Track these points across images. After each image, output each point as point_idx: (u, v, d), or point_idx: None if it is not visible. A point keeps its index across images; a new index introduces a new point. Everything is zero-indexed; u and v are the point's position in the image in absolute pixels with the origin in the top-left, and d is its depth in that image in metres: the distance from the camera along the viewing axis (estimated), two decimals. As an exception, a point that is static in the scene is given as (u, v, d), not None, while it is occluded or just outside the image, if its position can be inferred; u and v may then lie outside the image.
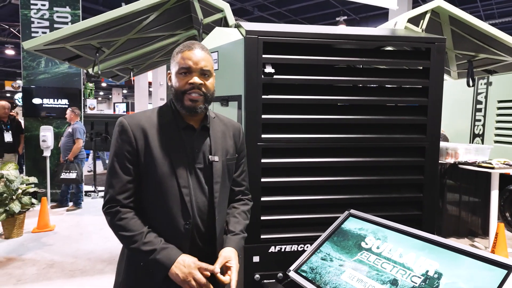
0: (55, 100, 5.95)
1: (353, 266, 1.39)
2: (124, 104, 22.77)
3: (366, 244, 1.47)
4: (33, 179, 4.45)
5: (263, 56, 1.96)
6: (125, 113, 20.23)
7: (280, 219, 2.06)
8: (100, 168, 10.79)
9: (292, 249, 2.10)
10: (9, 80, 22.02)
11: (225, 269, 1.18)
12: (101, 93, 32.32)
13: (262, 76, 1.96)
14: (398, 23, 2.67)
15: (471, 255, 1.17)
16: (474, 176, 4.31)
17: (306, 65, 2.07)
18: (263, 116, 1.98)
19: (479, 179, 4.34)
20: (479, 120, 5.21)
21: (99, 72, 2.88)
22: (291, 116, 2.04)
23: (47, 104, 5.94)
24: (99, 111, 20.78)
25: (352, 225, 1.63)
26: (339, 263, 1.45)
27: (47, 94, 5.91)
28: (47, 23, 5.86)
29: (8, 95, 27.60)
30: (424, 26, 2.74)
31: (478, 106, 5.22)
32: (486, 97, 5.10)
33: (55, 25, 5.87)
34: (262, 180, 1.98)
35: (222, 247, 1.24)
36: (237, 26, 2.31)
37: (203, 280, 1.11)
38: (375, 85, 2.22)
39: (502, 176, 4.00)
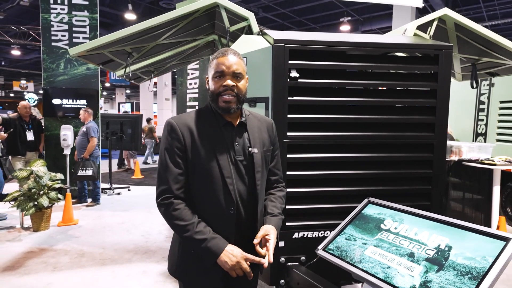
0: (74, 100, 6.21)
1: (375, 243, 1.63)
2: (129, 104, 23.00)
3: (385, 225, 1.70)
4: (60, 176, 4.70)
5: (289, 62, 2.20)
6: (129, 112, 20.42)
7: (303, 208, 2.31)
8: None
9: (314, 236, 2.34)
10: (16, 80, 22.31)
11: (263, 242, 1.37)
12: (104, 93, 32.55)
13: (288, 80, 2.20)
14: (408, 30, 2.90)
15: (475, 231, 1.41)
16: (477, 173, 4.53)
17: (327, 69, 2.31)
18: (288, 116, 2.22)
19: (482, 176, 4.55)
20: (482, 120, 5.43)
21: (130, 74, 3.12)
22: (314, 116, 2.28)
23: (66, 104, 6.20)
24: (104, 111, 21.02)
25: (371, 210, 1.87)
26: (362, 241, 1.68)
27: (66, 95, 6.16)
28: (66, 27, 6.11)
29: (11, 95, 27.89)
30: (431, 33, 2.97)
31: (481, 107, 5.44)
32: (488, 98, 5.32)
33: (74, 29, 6.13)
34: (288, 173, 2.22)
35: None
36: (263, 34, 2.55)
37: (248, 269, 1.29)
38: (390, 88, 2.45)
39: (504, 173, 4.21)
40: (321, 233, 2.37)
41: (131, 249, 3.92)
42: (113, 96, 31.62)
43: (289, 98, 2.22)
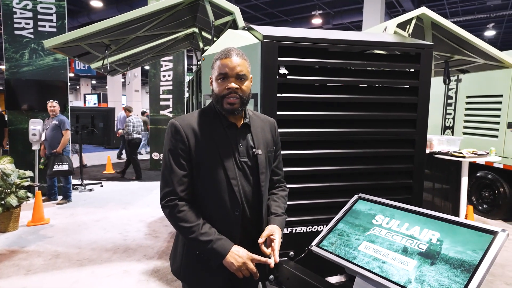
0: (40, 93, 5.86)
1: (368, 239, 1.67)
2: (95, 96, 22.11)
3: (377, 221, 1.76)
4: (29, 173, 4.46)
5: (278, 58, 2.19)
6: (96, 105, 19.65)
7: (290, 204, 2.33)
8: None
9: (302, 231, 2.38)
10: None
11: (268, 242, 1.39)
12: (69, 83, 31.04)
13: (277, 77, 2.20)
14: (388, 28, 2.98)
15: (464, 225, 1.48)
16: (446, 165, 4.78)
17: (315, 67, 2.32)
18: (277, 113, 2.22)
19: (451, 168, 4.81)
20: (450, 114, 5.71)
21: (108, 67, 2.98)
22: (302, 113, 2.30)
23: (31, 97, 5.84)
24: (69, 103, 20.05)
25: (362, 206, 1.92)
26: (355, 237, 1.73)
27: (32, 87, 5.81)
28: (30, 14, 5.74)
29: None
30: (410, 31, 3.06)
31: (449, 101, 5.71)
32: (456, 93, 5.60)
33: (39, 16, 5.76)
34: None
35: None
36: (249, 29, 2.52)
37: (254, 270, 1.30)
38: (374, 85, 2.51)
39: (470, 165, 4.47)
40: (309, 228, 2.41)
41: (109, 248, 3.80)
42: (78, 87, 30.20)
43: (278, 95, 2.22)
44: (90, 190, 6.51)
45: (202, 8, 2.82)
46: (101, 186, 6.85)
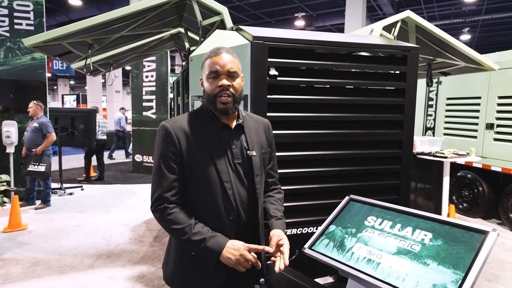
0: (17, 93, 5.64)
1: (361, 240, 1.67)
2: (74, 96, 21.51)
3: (369, 222, 1.76)
4: (6, 177, 4.26)
5: (268, 59, 2.18)
6: (75, 106, 19.12)
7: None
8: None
9: (292, 233, 2.37)
10: None
11: (276, 248, 1.34)
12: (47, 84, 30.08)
13: (267, 78, 2.18)
14: (374, 30, 3.01)
15: (456, 225, 1.50)
16: (428, 165, 4.88)
17: (305, 68, 2.32)
18: (268, 114, 2.20)
19: (433, 168, 4.92)
20: (431, 115, 5.85)
21: (91, 67, 2.88)
22: (292, 114, 2.29)
23: (7, 98, 5.61)
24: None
25: (354, 208, 1.92)
26: (348, 239, 1.72)
27: (7, 87, 5.58)
28: (5, 11, 5.51)
29: None
30: (396, 33, 3.11)
31: (430, 103, 5.86)
32: (436, 95, 5.74)
33: (15, 14, 5.55)
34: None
35: (264, 234, 1.41)
36: (237, 30, 2.49)
37: (254, 259, 1.24)
38: (362, 87, 2.53)
39: (450, 164, 4.59)
40: (299, 230, 2.40)
41: (92, 253, 3.68)
42: (55, 88, 29.34)
43: (268, 96, 2.20)
44: (70, 194, 6.30)
45: (189, 8, 2.77)
46: (82, 189, 6.65)
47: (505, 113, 4.62)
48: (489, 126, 4.80)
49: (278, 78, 2.21)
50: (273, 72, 2.19)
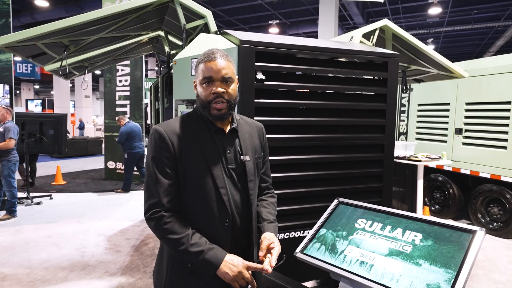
0: (-21, 97, 5.31)
1: (352, 243, 1.69)
2: (40, 101, 20.56)
3: (359, 225, 1.78)
4: (-32, 186, 3.97)
5: (256, 63, 2.17)
6: (39, 112, 18.28)
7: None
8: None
9: (279, 237, 2.35)
10: None
11: (266, 251, 1.32)
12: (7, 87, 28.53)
13: (255, 82, 2.17)
14: (354, 37, 3.09)
15: (444, 226, 1.55)
16: (402, 169, 5.05)
17: (291, 72, 2.34)
18: (255, 118, 2.19)
19: (406, 171, 5.10)
20: (403, 120, 6.08)
21: (67, 69, 2.75)
22: (279, 118, 2.29)
23: (-32, 101, 5.27)
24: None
25: (343, 210, 1.94)
26: (339, 242, 1.73)
27: (-31, 91, 5.24)
28: (-33, 10, 5.19)
29: None
30: (374, 41, 3.20)
31: (402, 109, 6.08)
32: (408, 101, 5.97)
33: (-22, 13, 5.23)
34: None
35: (257, 238, 1.39)
36: (222, 34, 2.47)
37: (250, 278, 1.23)
38: (344, 92, 2.57)
39: (424, 168, 4.77)
40: (286, 235, 2.39)
41: (65, 266, 3.49)
42: (18, 92, 27.90)
43: (256, 100, 2.19)
44: (38, 203, 5.97)
45: (172, 11, 2.72)
46: (51, 198, 6.31)
47: (472, 118, 4.88)
48: (458, 131, 5.05)
49: (265, 82, 2.20)
50: (260, 76, 2.18)
